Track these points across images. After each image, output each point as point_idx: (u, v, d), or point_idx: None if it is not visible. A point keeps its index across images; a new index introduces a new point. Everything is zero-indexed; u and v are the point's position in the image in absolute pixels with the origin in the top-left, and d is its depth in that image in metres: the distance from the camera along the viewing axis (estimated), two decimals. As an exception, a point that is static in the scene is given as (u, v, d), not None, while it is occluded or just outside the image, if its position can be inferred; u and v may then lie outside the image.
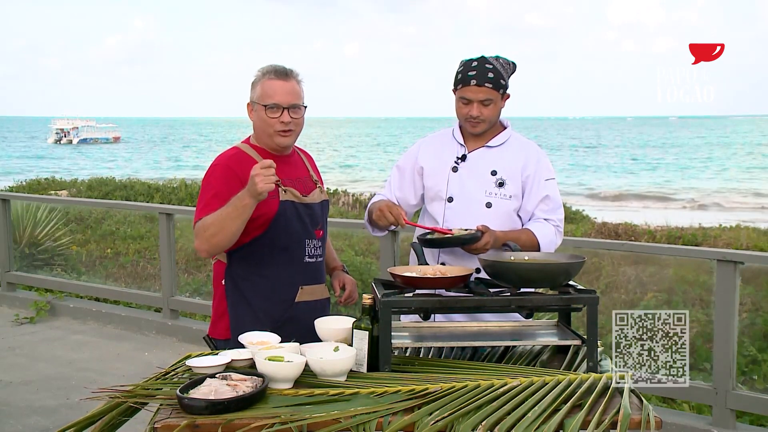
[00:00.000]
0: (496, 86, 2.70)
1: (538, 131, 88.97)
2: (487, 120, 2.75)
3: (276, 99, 2.59)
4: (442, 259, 2.79)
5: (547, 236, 2.75)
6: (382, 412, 1.88)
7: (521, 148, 2.84)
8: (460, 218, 2.70)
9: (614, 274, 6.12)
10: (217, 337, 2.69)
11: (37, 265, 7.59)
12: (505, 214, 2.76)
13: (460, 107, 2.77)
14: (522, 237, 2.71)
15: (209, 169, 2.63)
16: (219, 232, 2.45)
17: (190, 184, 13.40)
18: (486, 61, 2.72)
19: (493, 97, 2.71)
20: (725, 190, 31.01)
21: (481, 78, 2.69)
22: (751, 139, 68.06)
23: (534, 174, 2.78)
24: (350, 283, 2.94)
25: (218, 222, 2.44)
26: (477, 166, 2.80)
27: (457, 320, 2.64)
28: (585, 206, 16.98)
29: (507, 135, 2.84)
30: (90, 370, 5.30)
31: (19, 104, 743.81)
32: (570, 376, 2.08)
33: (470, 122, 2.76)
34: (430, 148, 2.91)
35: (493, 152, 2.81)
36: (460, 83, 2.74)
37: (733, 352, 4.01)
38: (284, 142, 2.65)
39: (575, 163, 45.09)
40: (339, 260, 3.02)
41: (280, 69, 2.64)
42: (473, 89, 2.70)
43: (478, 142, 2.83)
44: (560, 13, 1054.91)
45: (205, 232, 2.47)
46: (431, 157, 2.87)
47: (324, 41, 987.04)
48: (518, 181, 2.78)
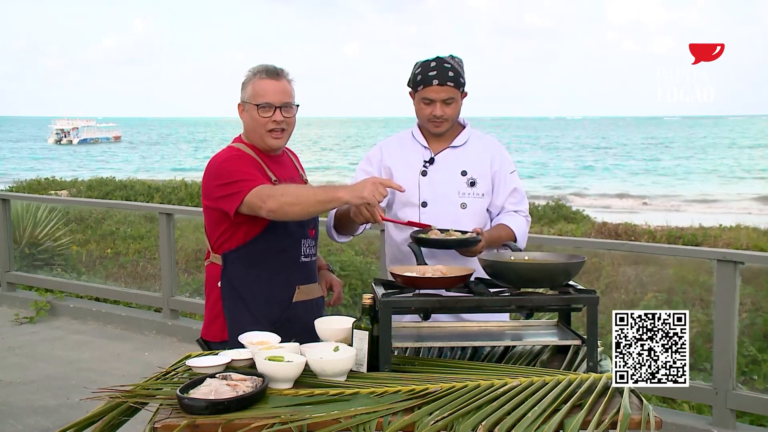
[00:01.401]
0: (456, 85, 2.73)
1: (538, 131, 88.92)
2: (450, 119, 2.77)
3: (268, 98, 2.58)
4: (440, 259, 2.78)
5: (521, 227, 2.83)
6: (382, 412, 1.88)
7: (484, 144, 2.88)
8: (437, 222, 2.70)
9: (614, 274, 6.11)
10: (210, 340, 2.68)
11: (37, 265, 7.59)
12: (478, 212, 2.81)
13: (421, 108, 2.78)
14: (502, 234, 2.77)
15: (223, 161, 2.58)
16: (298, 203, 2.40)
17: (190, 184, 13.39)
18: (444, 61, 2.74)
19: (454, 95, 2.74)
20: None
21: (443, 77, 2.71)
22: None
23: (500, 168, 2.85)
24: (337, 284, 2.95)
25: (302, 195, 2.41)
26: (446, 167, 2.82)
27: (442, 320, 2.64)
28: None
29: (468, 133, 2.88)
30: (90, 370, 5.30)
31: (19, 104, 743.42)
32: (570, 376, 2.08)
33: (433, 122, 2.78)
34: (393, 151, 2.90)
35: (459, 152, 2.84)
36: (421, 84, 2.74)
37: (733, 352, 4.01)
38: (276, 144, 2.65)
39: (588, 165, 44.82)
40: (323, 260, 3.01)
41: (271, 68, 2.63)
42: (435, 89, 2.72)
43: (441, 144, 2.84)
44: (560, 13, 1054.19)
45: (282, 196, 2.41)
46: (397, 160, 2.87)
47: (324, 41, 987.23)
48: (488, 178, 2.83)
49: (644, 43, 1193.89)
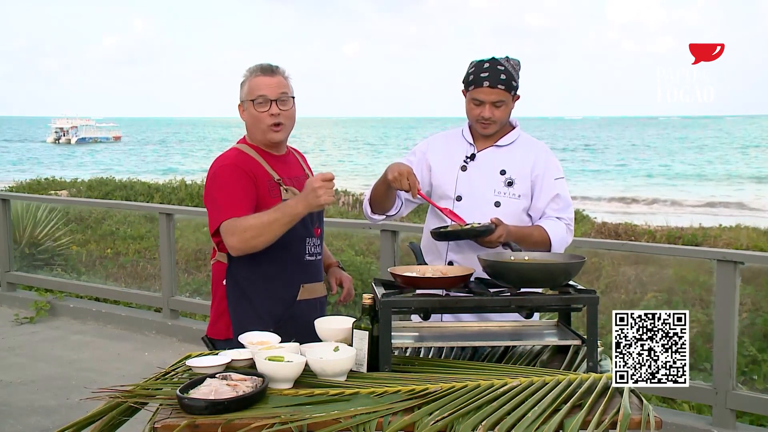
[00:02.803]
0: (508, 88, 2.70)
1: (538, 131, 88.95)
2: (498, 121, 2.75)
3: (263, 92, 2.61)
4: (450, 258, 2.79)
5: (559, 233, 2.75)
6: (382, 412, 1.88)
7: (530, 147, 2.84)
8: (469, 217, 2.70)
9: (614, 274, 6.12)
10: (216, 338, 2.70)
11: (37, 265, 7.59)
12: (514, 213, 2.75)
13: (471, 108, 2.76)
14: (534, 233, 2.72)
15: (218, 170, 2.62)
16: (262, 234, 2.46)
17: (190, 184, 13.41)
18: (498, 63, 2.71)
19: (505, 98, 2.71)
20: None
21: (494, 80, 2.68)
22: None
23: (543, 173, 2.78)
24: (347, 280, 2.96)
25: (264, 225, 2.45)
26: (486, 165, 2.80)
27: (447, 320, 2.64)
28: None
29: (516, 134, 2.84)
30: (90, 370, 5.30)
31: (19, 104, 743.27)
32: (570, 376, 2.08)
33: (481, 124, 2.76)
34: (439, 146, 2.90)
35: (502, 151, 2.81)
36: (472, 84, 2.72)
37: (733, 352, 4.01)
38: (276, 138, 2.65)
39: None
40: (333, 257, 3.02)
41: (266, 66, 2.66)
42: (486, 91, 2.69)
43: (487, 142, 2.83)
44: (560, 13, 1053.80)
45: (245, 232, 2.47)
46: (440, 155, 2.87)
47: (323, 41, 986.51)
48: (527, 180, 2.78)
49: (644, 43, 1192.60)
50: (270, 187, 2.62)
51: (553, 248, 2.73)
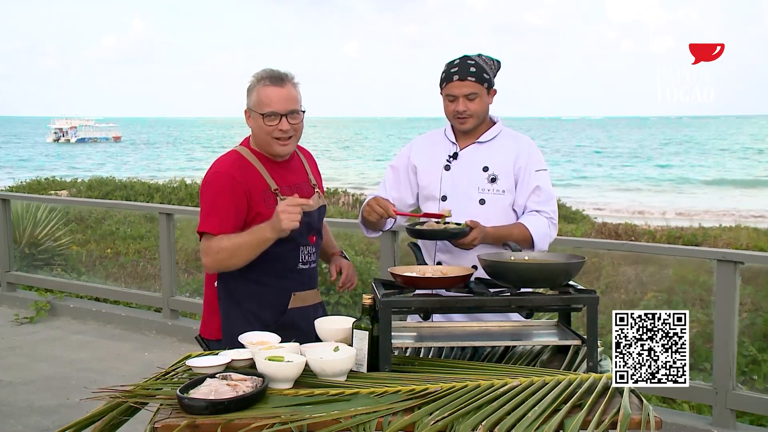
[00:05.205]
0: (479, 80, 2.72)
1: (538, 131, 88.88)
2: (475, 115, 2.75)
3: (273, 107, 2.53)
4: (439, 258, 2.80)
5: (540, 228, 2.74)
6: (382, 412, 1.88)
7: (512, 141, 2.84)
8: (455, 216, 2.70)
9: (614, 274, 6.11)
10: (208, 338, 2.71)
11: (37, 265, 7.58)
12: (500, 209, 2.76)
13: (447, 105, 2.79)
14: (514, 231, 2.71)
15: (212, 176, 2.58)
16: (232, 257, 2.48)
17: (190, 184, 13.39)
18: (468, 58, 2.76)
19: (477, 90, 2.72)
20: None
21: (463, 73, 2.71)
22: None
23: (525, 166, 2.79)
24: (347, 266, 2.90)
25: (234, 248, 2.47)
26: (468, 163, 2.81)
27: (457, 320, 2.65)
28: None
29: (497, 130, 2.85)
30: (90, 370, 5.30)
31: (18, 104, 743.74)
32: (570, 376, 2.08)
33: (458, 119, 2.77)
34: (422, 147, 2.92)
35: (484, 148, 2.82)
36: (444, 81, 2.76)
37: (733, 352, 4.01)
38: (283, 151, 2.61)
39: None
40: (337, 246, 2.99)
41: (275, 74, 2.57)
42: (456, 84, 2.72)
43: (468, 139, 2.84)
44: (560, 12, 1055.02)
45: (217, 254, 2.49)
46: (424, 156, 2.88)
47: (323, 41, 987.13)
48: (510, 174, 2.78)
49: (644, 43, 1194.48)
50: (266, 197, 2.57)
51: (536, 245, 2.72)
